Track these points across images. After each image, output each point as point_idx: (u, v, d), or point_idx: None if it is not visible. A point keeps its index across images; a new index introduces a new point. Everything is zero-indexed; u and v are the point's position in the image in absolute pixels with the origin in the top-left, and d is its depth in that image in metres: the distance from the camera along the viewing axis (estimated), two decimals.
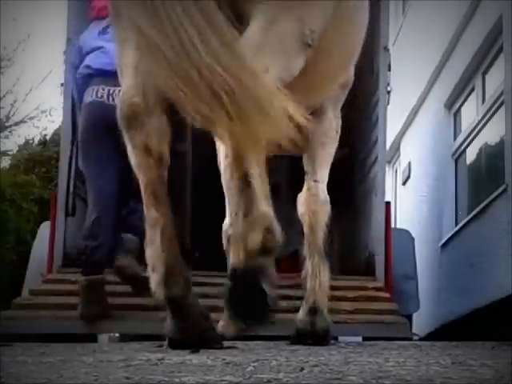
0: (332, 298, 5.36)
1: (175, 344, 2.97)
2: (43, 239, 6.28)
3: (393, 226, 7.47)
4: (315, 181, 3.84)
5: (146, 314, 5.01)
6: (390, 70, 6.38)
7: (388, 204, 6.40)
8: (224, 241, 3.44)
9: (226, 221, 3.37)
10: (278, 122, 2.30)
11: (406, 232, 7.08)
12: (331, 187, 5.90)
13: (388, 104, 6.39)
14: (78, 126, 5.68)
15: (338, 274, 5.93)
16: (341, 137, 4.06)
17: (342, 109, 4.00)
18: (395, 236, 6.31)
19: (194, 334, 2.98)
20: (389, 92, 6.38)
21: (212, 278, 5.63)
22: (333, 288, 5.58)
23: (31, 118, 17.99)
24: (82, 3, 6.68)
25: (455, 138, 8.67)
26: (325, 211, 3.82)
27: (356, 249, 6.95)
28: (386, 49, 6.39)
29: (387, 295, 5.59)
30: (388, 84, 6.37)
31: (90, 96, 5.29)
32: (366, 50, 7.11)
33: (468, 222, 7.62)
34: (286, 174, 7.40)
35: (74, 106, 6.20)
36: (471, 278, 7.23)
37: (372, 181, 6.58)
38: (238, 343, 3.33)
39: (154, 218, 2.89)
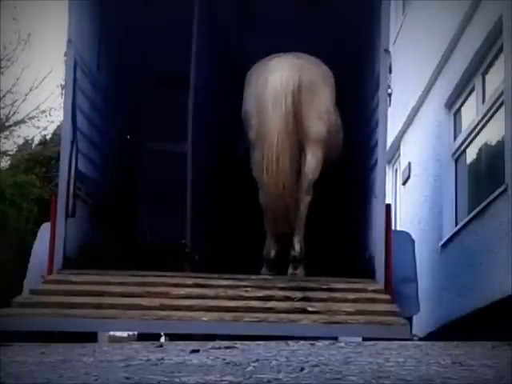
0: (332, 300, 5.39)
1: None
2: (43, 240, 6.25)
3: (393, 227, 7.45)
4: None
5: (146, 314, 5.01)
6: (390, 72, 6.35)
7: (388, 206, 6.38)
8: None
9: None
10: None
11: (406, 234, 7.06)
12: (332, 190, 5.92)
13: (389, 106, 6.37)
14: (77, 126, 5.66)
15: (338, 275, 5.93)
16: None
17: (343, 111, 3.98)
18: (395, 238, 6.30)
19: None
20: (389, 94, 6.35)
21: (212, 280, 5.63)
22: (333, 290, 5.62)
23: (31, 118, 17.97)
24: (82, 3, 6.67)
25: (455, 138, 8.66)
26: None
27: (356, 251, 6.94)
28: (387, 51, 6.35)
29: (387, 297, 5.57)
30: (389, 86, 6.34)
31: None
32: (367, 52, 7.13)
33: (468, 221, 7.62)
34: None
35: (74, 106, 6.19)
36: (471, 278, 7.22)
37: (372, 183, 6.57)
38: (238, 343, 3.33)
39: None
